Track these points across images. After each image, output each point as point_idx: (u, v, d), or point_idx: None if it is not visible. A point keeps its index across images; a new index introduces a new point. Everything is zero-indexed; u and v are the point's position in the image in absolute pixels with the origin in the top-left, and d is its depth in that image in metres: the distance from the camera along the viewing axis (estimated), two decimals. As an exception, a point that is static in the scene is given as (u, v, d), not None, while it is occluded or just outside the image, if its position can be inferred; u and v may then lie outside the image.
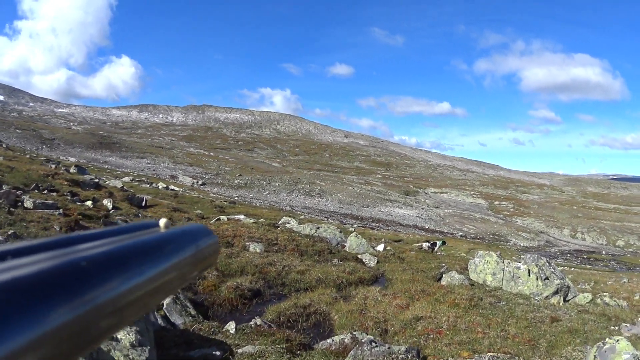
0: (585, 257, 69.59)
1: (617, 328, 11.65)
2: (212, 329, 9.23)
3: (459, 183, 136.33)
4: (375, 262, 18.04)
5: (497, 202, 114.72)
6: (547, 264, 17.31)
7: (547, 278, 16.63)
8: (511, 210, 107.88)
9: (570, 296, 15.83)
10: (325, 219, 63.11)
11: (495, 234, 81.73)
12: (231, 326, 9.36)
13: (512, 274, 16.67)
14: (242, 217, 29.84)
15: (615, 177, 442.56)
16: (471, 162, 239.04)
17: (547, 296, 15.05)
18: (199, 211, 32.50)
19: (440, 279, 16.09)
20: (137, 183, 51.06)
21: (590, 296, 15.41)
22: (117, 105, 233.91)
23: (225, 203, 51.02)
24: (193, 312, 9.93)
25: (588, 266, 56.88)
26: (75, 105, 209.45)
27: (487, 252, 18.08)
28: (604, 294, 16.31)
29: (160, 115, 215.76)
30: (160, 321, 9.18)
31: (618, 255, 74.27)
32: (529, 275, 16.44)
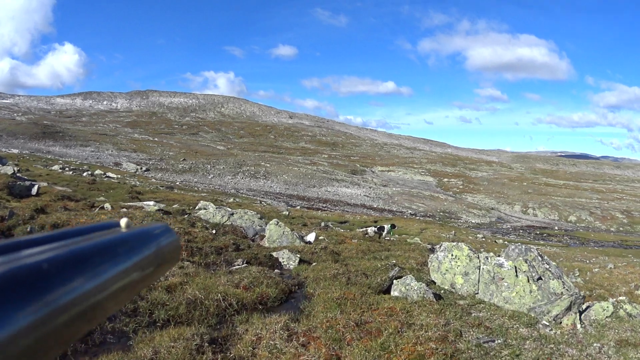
0: (538, 232, 69.96)
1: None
2: None
3: (406, 161, 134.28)
4: (297, 262, 12.37)
5: (446, 180, 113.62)
6: (539, 257, 12.11)
7: (540, 278, 11.46)
8: (460, 187, 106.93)
9: (582, 307, 10.69)
10: (270, 201, 61.72)
11: (445, 211, 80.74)
12: None
13: (492, 274, 11.44)
14: (150, 203, 24.36)
15: (563, 154, 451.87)
16: (418, 140, 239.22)
17: (556, 315, 9.81)
18: (102, 198, 26.84)
19: (389, 288, 10.69)
20: (61, 171, 46.97)
21: (610, 308, 10.20)
22: (61, 94, 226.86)
23: (160, 188, 47.50)
24: None
25: (541, 242, 56.37)
26: (19, 96, 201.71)
27: (454, 243, 12.72)
28: (621, 298, 11.33)
29: (105, 102, 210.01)
30: None
31: (571, 231, 74.69)
32: (517, 276, 11.23)
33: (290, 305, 8.85)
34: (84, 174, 48.34)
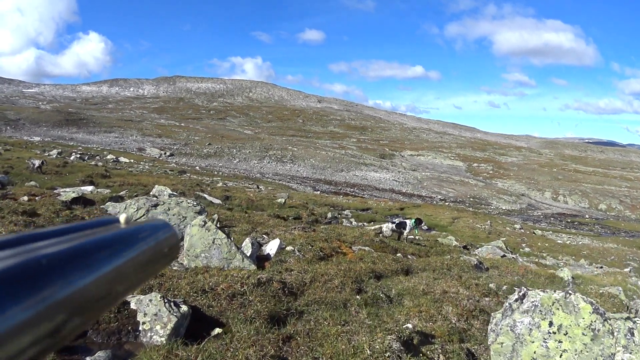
0: (569, 220, 66.00)
1: None
2: None
3: (435, 145, 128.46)
4: (170, 328, 4.72)
5: (475, 164, 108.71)
6: None
7: None
8: (490, 172, 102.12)
9: None
10: (296, 185, 58.99)
11: (475, 197, 76.56)
12: None
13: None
14: (89, 189, 18.29)
15: (590, 141, 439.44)
16: (447, 124, 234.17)
17: None
18: (32, 182, 20.86)
19: None
20: (49, 155, 42.10)
21: None
22: (87, 82, 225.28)
23: (169, 172, 44.62)
24: None
25: (573, 230, 52.94)
26: (44, 85, 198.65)
27: (553, 295, 4.87)
28: None
29: (131, 89, 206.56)
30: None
31: (601, 219, 70.53)
32: None
33: None
34: (71, 157, 44.36)
